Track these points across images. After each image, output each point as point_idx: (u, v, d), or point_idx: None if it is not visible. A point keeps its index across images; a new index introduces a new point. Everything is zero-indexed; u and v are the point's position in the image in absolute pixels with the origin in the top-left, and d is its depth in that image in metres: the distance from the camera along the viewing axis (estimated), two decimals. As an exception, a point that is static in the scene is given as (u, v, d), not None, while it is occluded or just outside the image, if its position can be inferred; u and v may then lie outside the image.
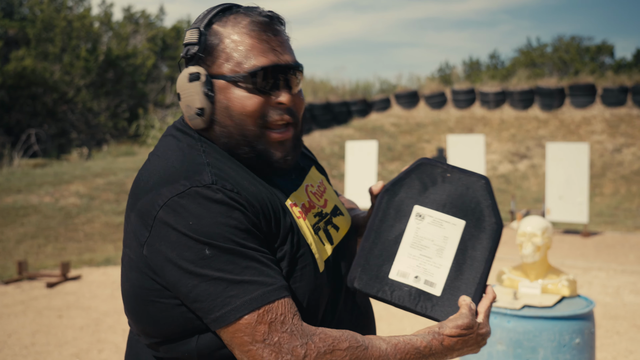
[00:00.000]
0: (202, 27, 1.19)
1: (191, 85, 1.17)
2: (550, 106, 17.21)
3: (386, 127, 17.71)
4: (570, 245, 9.68)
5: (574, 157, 10.54)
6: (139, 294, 1.13)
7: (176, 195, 1.09)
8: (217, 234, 1.06)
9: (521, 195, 14.13)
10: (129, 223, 1.16)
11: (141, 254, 1.11)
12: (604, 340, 5.10)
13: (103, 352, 4.76)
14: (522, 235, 2.85)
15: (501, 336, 2.54)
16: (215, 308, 1.05)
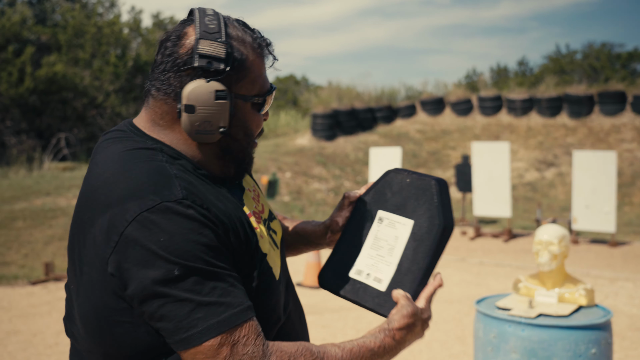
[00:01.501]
0: (224, 39, 1.15)
1: (217, 103, 1.15)
2: (578, 114, 16.97)
3: (411, 134, 17.65)
4: (597, 255, 9.52)
5: (602, 165, 10.38)
6: (102, 314, 1.08)
7: (146, 211, 1.04)
8: (187, 252, 1.03)
9: (548, 203, 13.95)
10: (86, 240, 1.10)
11: (105, 271, 1.06)
12: (628, 352, 5.01)
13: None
14: (538, 244, 2.82)
15: (515, 345, 2.52)
16: (180, 330, 1.03)
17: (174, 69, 1.16)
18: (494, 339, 2.59)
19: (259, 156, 14.83)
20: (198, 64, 1.14)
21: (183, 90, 1.15)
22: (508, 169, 11.16)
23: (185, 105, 1.15)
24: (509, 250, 9.91)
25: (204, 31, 1.15)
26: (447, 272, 8.20)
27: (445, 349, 5.03)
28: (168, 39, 1.18)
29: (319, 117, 16.79)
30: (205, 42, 1.14)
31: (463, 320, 5.85)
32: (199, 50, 1.14)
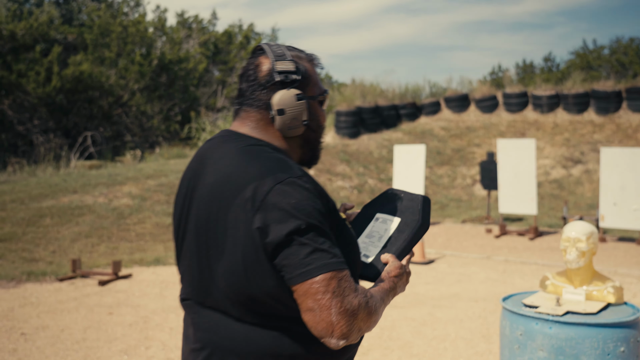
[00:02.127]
0: (290, 58, 1.58)
1: (299, 103, 1.56)
2: (606, 110, 16.70)
3: (435, 131, 17.53)
4: (625, 253, 9.37)
5: (630, 162, 10.20)
6: (246, 263, 1.42)
7: (279, 183, 1.41)
8: (309, 213, 1.40)
9: (574, 201, 13.76)
10: (229, 211, 1.45)
11: (250, 228, 1.40)
12: (657, 352, 4.92)
13: (150, 349, 4.88)
14: (566, 241, 2.78)
15: (543, 342, 2.49)
16: (301, 265, 1.38)
17: (260, 88, 1.57)
18: (520, 336, 2.56)
19: (283, 154, 14.88)
20: (278, 78, 1.55)
21: (272, 100, 1.55)
22: (534, 166, 11.03)
23: (277, 110, 1.55)
24: (534, 248, 9.80)
25: (276, 56, 1.57)
26: (472, 270, 8.13)
27: (470, 347, 4.99)
28: (249, 70, 1.60)
29: (343, 114, 16.76)
30: (279, 63, 1.56)
31: (488, 319, 5.80)
32: (276, 69, 1.55)
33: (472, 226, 12.04)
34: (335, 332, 1.37)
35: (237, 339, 1.46)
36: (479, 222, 12.43)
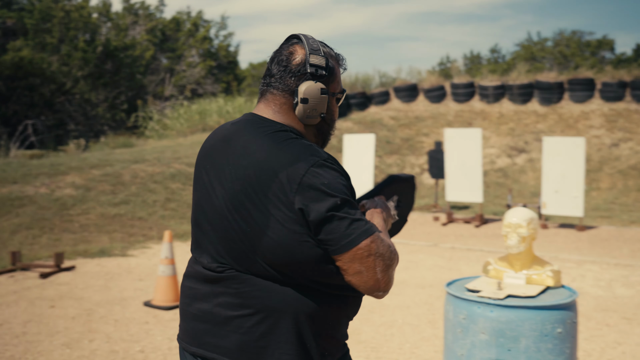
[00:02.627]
0: (323, 54, 1.73)
1: (322, 96, 1.70)
2: (549, 100, 17.18)
3: (385, 121, 17.68)
4: (566, 238, 9.68)
5: (570, 151, 10.53)
6: (293, 237, 1.58)
7: (311, 166, 1.57)
8: (340, 190, 1.58)
9: (519, 189, 14.13)
10: (268, 194, 1.59)
11: (292, 209, 1.56)
12: (593, 332, 5.10)
13: (94, 342, 4.76)
14: (507, 227, 2.84)
15: (484, 325, 2.54)
16: (344, 237, 1.57)
17: (290, 75, 1.70)
18: (463, 320, 2.61)
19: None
20: (310, 70, 1.69)
21: (299, 88, 1.69)
22: (480, 155, 11.25)
23: (302, 98, 1.69)
24: (480, 235, 10.02)
25: (311, 49, 1.71)
26: (419, 257, 8.25)
27: (417, 333, 5.07)
28: (282, 55, 1.73)
29: (292, 103, 16.73)
30: (314, 56, 1.70)
31: (435, 304, 5.90)
32: (310, 61, 1.70)
33: (420, 214, 12.22)
34: (382, 285, 1.62)
35: (287, 301, 1.63)
36: (427, 211, 12.62)
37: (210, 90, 26.55)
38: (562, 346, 2.53)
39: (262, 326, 1.63)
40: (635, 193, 13.25)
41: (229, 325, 1.65)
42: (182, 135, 18.25)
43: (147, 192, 10.99)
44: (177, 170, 12.20)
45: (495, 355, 2.52)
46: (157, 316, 5.49)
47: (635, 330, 5.17)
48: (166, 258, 5.85)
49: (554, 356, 2.52)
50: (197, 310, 1.71)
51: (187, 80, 25.78)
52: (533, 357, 2.50)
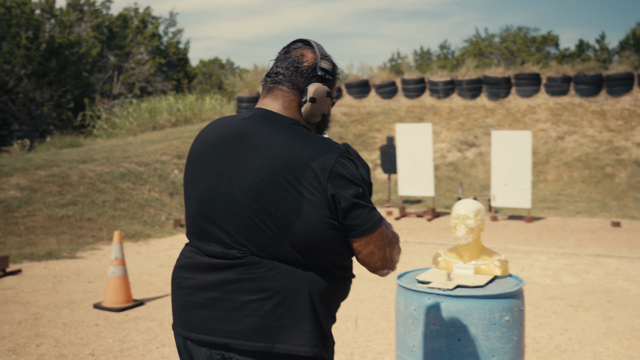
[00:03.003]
0: (332, 62, 1.92)
1: (326, 98, 1.89)
2: (497, 95, 17.55)
3: (337, 117, 17.74)
4: (514, 230, 9.92)
5: (518, 144, 10.78)
6: (322, 220, 1.73)
7: (339, 157, 1.74)
8: (360, 179, 1.78)
9: (469, 182, 14.40)
10: (302, 181, 1.72)
11: (325, 194, 1.72)
12: (542, 320, 5.24)
13: (41, 347, 4.63)
14: (455, 218, 2.88)
15: (435, 316, 2.57)
16: (367, 222, 1.77)
17: (300, 75, 1.86)
18: (414, 311, 2.64)
19: (184, 141, 14.53)
20: (320, 73, 1.87)
21: (308, 88, 1.86)
22: (431, 149, 11.41)
23: (310, 98, 1.86)
24: (432, 229, 10.17)
25: (322, 54, 1.90)
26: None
27: (371, 326, 5.11)
28: (292, 56, 1.88)
29: (245, 100, 16.60)
30: (324, 61, 1.89)
31: (388, 298, 5.96)
32: (320, 65, 1.88)
33: (373, 209, 12.32)
34: (388, 264, 1.86)
35: (305, 282, 1.76)
36: (380, 205, 12.73)
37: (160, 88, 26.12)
38: (510, 333, 2.59)
39: (280, 307, 1.73)
40: (580, 184, 13.68)
41: (245, 309, 1.73)
42: (132, 134, 17.90)
43: (96, 193, 10.74)
44: (127, 169, 11.96)
45: (445, 344, 2.56)
46: (108, 318, 5.37)
47: (581, 317, 5.34)
48: (116, 259, 5.73)
49: (502, 343, 2.57)
50: (204, 299, 1.78)
51: (136, 78, 25.28)
52: (482, 345, 2.54)
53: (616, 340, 4.74)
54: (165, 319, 5.34)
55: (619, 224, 10.04)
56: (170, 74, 28.95)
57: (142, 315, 5.44)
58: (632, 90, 16.52)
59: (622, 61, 18.98)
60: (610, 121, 15.64)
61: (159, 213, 10.84)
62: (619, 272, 6.99)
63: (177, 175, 12.47)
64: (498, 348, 2.57)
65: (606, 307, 5.60)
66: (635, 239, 8.99)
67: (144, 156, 12.93)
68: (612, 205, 12.07)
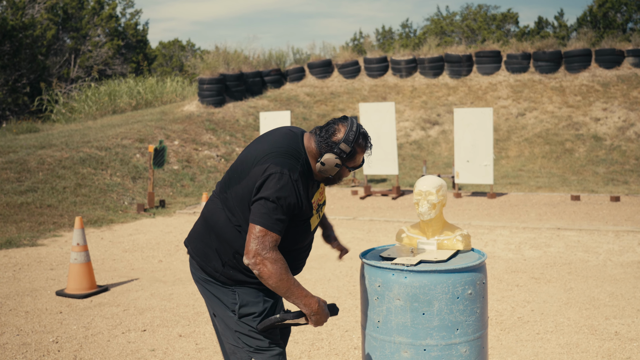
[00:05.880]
0: (352, 146, 2.52)
1: (335, 167, 2.54)
2: (459, 73, 17.69)
3: (301, 97, 17.67)
4: (478, 206, 10.07)
5: (479, 121, 10.90)
6: (247, 198, 2.48)
7: (272, 173, 2.47)
8: (271, 194, 2.45)
9: (433, 160, 14.54)
10: (256, 165, 2.51)
11: (254, 185, 2.46)
12: (504, 293, 5.35)
13: (3, 336, 4.54)
14: (418, 194, 2.90)
15: (399, 292, 2.59)
16: (255, 215, 2.42)
17: (325, 143, 2.53)
18: (379, 288, 2.65)
19: (145, 125, 14.29)
20: (336, 150, 2.51)
21: (323, 156, 2.53)
22: (394, 128, 11.46)
23: (320, 162, 2.54)
24: (397, 207, 10.25)
25: (345, 138, 2.51)
26: (339, 231, 8.35)
27: (338, 304, 5.13)
28: (330, 128, 2.54)
29: (206, 82, 16.38)
30: (343, 144, 2.50)
31: (354, 276, 6.00)
32: (339, 146, 2.51)
33: (338, 189, 12.36)
34: (252, 255, 2.43)
35: (221, 221, 2.58)
36: (345, 185, 12.77)
37: (119, 71, 25.58)
38: (473, 306, 2.63)
39: (206, 236, 2.63)
40: (541, 160, 13.94)
41: (197, 233, 2.69)
42: (92, 119, 17.52)
43: (55, 179, 10.51)
44: (87, 154, 11.72)
45: (410, 319, 2.58)
46: (72, 305, 5.29)
47: (542, 289, 5.47)
48: (78, 245, 5.62)
49: (465, 316, 2.61)
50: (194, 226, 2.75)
51: (93, 60, 24.68)
52: (446, 318, 2.58)
53: (576, 310, 4.87)
54: (130, 304, 5.28)
55: (579, 197, 10.28)
56: (130, 56, 28.35)
57: (107, 301, 5.37)
58: (589, 66, 16.84)
59: (579, 38, 19.30)
60: (569, 97, 15.94)
61: (122, 198, 10.67)
62: (579, 244, 7.17)
63: (139, 160, 12.28)
64: (462, 321, 2.60)
65: (567, 279, 5.74)
66: (593, 211, 9.22)
67: (105, 140, 12.68)
68: (571, 180, 12.35)
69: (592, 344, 4.16)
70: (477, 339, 2.67)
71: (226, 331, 2.60)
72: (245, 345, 2.55)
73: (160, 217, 9.69)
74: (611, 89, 15.84)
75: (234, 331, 2.57)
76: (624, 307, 4.90)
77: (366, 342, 2.77)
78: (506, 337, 4.34)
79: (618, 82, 16.09)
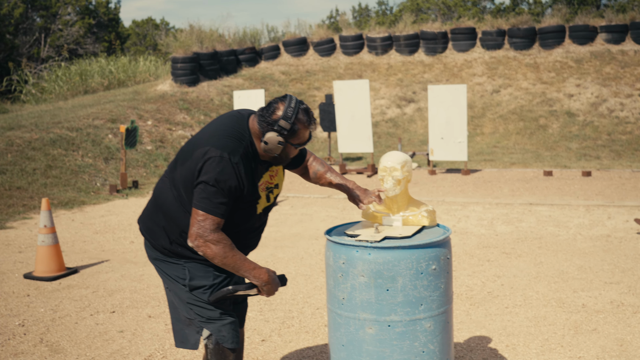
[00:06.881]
0: (292, 121, 2.53)
1: (279, 145, 2.54)
2: (434, 50, 17.65)
3: (276, 76, 17.51)
4: (452, 183, 10.11)
5: (454, 98, 10.90)
6: (190, 180, 2.53)
7: (214, 155, 2.52)
8: (211, 178, 2.52)
9: (409, 138, 14.54)
10: (198, 148, 2.55)
11: (196, 168, 2.51)
12: (475, 268, 5.39)
13: (-32, 321, 4.45)
14: (383, 170, 2.87)
15: (363, 268, 2.57)
16: (197, 199, 2.48)
17: (265, 123, 2.54)
18: (343, 265, 2.63)
19: (117, 105, 14.06)
20: (276, 128, 2.52)
21: (266, 134, 2.53)
22: (368, 106, 11.42)
23: (264, 141, 2.54)
24: (372, 185, 10.25)
25: (284, 115, 2.51)
26: (313, 209, 8.33)
27: (309, 282, 5.13)
28: (271, 107, 2.55)
29: (179, 61, 16.14)
30: (282, 121, 2.51)
31: (327, 254, 5.99)
32: (278, 124, 2.51)
33: (314, 167, 12.31)
34: (194, 238, 2.51)
35: (168, 200, 2.64)
36: (321, 163, 12.73)
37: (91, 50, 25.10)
38: (437, 282, 2.62)
39: (155, 215, 2.70)
40: (515, 136, 14.02)
41: (147, 212, 2.76)
42: (63, 99, 17.20)
43: (25, 160, 10.31)
44: (58, 135, 11.51)
45: (374, 296, 2.57)
46: (39, 288, 5.21)
47: (513, 263, 5.51)
48: (45, 227, 5.52)
49: (429, 292, 2.60)
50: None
51: (64, 40, 24.16)
52: (410, 294, 2.57)
53: (545, 284, 4.92)
54: (100, 285, 5.21)
55: (551, 173, 10.37)
56: (101, 35, 27.81)
57: (76, 283, 5.30)
58: (563, 42, 16.92)
59: (554, 14, 19.36)
60: (543, 73, 16.02)
61: (94, 179, 10.52)
62: (550, 219, 7.24)
63: (111, 140, 12.10)
64: (426, 296, 2.60)
65: (537, 253, 5.80)
66: (565, 186, 9.31)
67: (76, 121, 12.46)
68: (545, 156, 12.45)
69: (560, 316, 4.21)
70: (442, 314, 2.67)
71: (180, 304, 2.70)
72: (198, 316, 2.65)
73: (133, 198, 9.58)
74: (584, 65, 15.95)
75: (186, 303, 2.67)
76: (592, 280, 4.96)
77: (331, 320, 2.76)
78: (475, 311, 4.37)
79: (591, 58, 16.19)
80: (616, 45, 16.45)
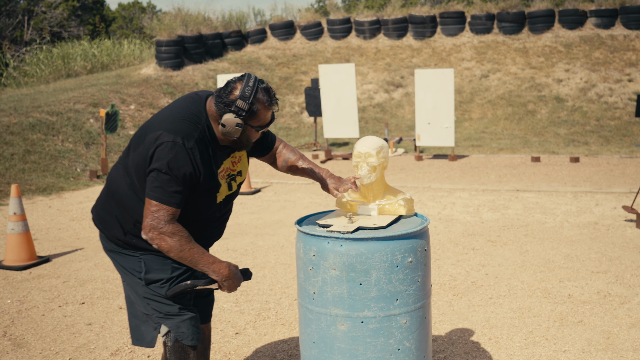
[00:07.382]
0: (250, 101, 2.32)
1: (236, 128, 2.35)
2: (423, 35, 17.43)
3: (262, 60, 17.25)
4: (439, 169, 9.96)
5: (441, 83, 10.73)
6: (142, 167, 2.34)
7: (166, 140, 2.34)
8: (163, 165, 2.33)
9: (396, 123, 14.37)
10: (150, 132, 2.38)
11: (148, 154, 2.34)
12: (460, 257, 5.24)
13: None
14: (357, 157, 2.70)
15: (334, 261, 2.41)
16: (149, 188, 2.31)
17: (223, 103, 2.34)
18: (314, 257, 2.46)
19: (99, 89, 13.77)
20: (233, 109, 2.33)
21: (223, 116, 2.34)
22: (354, 90, 11.22)
23: (221, 123, 2.35)
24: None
25: (242, 95, 2.32)
26: (297, 196, 8.16)
27: (289, 272, 4.97)
28: (229, 86, 2.35)
29: (164, 44, 15.84)
30: (239, 101, 2.32)
31: (308, 242, 5.82)
32: (235, 104, 2.32)
33: (300, 153, 12.13)
34: (148, 230, 2.34)
35: (121, 188, 2.46)
36: (307, 149, 12.55)
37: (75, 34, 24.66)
38: (414, 275, 2.46)
39: (107, 204, 2.52)
40: (504, 122, 13.88)
41: (100, 201, 2.58)
42: (44, 83, 16.85)
43: (2, 145, 10.05)
44: (37, 119, 11.23)
45: (346, 290, 2.41)
46: (8, 277, 5.02)
47: (498, 252, 5.37)
48: (15, 214, 5.32)
49: (405, 286, 2.44)
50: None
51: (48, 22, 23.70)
52: (384, 289, 2.41)
53: (530, 273, 4.78)
54: (71, 275, 5.03)
55: (539, 159, 10.25)
56: (86, 17, 27.32)
57: (47, 273, 5.11)
58: (552, 27, 16.75)
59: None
60: (532, 58, 15.85)
61: (74, 164, 10.28)
62: (537, 205, 7.11)
63: (92, 125, 11.83)
64: (401, 291, 2.44)
65: (523, 241, 5.67)
66: (553, 172, 9.19)
67: (56, 105, 12.18)
68: (533, 141, 12.33)
69: (545, 307, 4.08)
70: (419, 309, 2.51)
71: (136, 299, 2.52)
72: (155, 311, 2.48)
73: (113, 184, 9.36)
74: (574, 50, 15.80)
75: (142, 298, 2.49)
76: (579, 269, 4.83)
77: (302, 315, 2.59)
78: (458, 302, 4.23)
79: (580, 42, 16.04)
80: (606, 30, 16.30)
